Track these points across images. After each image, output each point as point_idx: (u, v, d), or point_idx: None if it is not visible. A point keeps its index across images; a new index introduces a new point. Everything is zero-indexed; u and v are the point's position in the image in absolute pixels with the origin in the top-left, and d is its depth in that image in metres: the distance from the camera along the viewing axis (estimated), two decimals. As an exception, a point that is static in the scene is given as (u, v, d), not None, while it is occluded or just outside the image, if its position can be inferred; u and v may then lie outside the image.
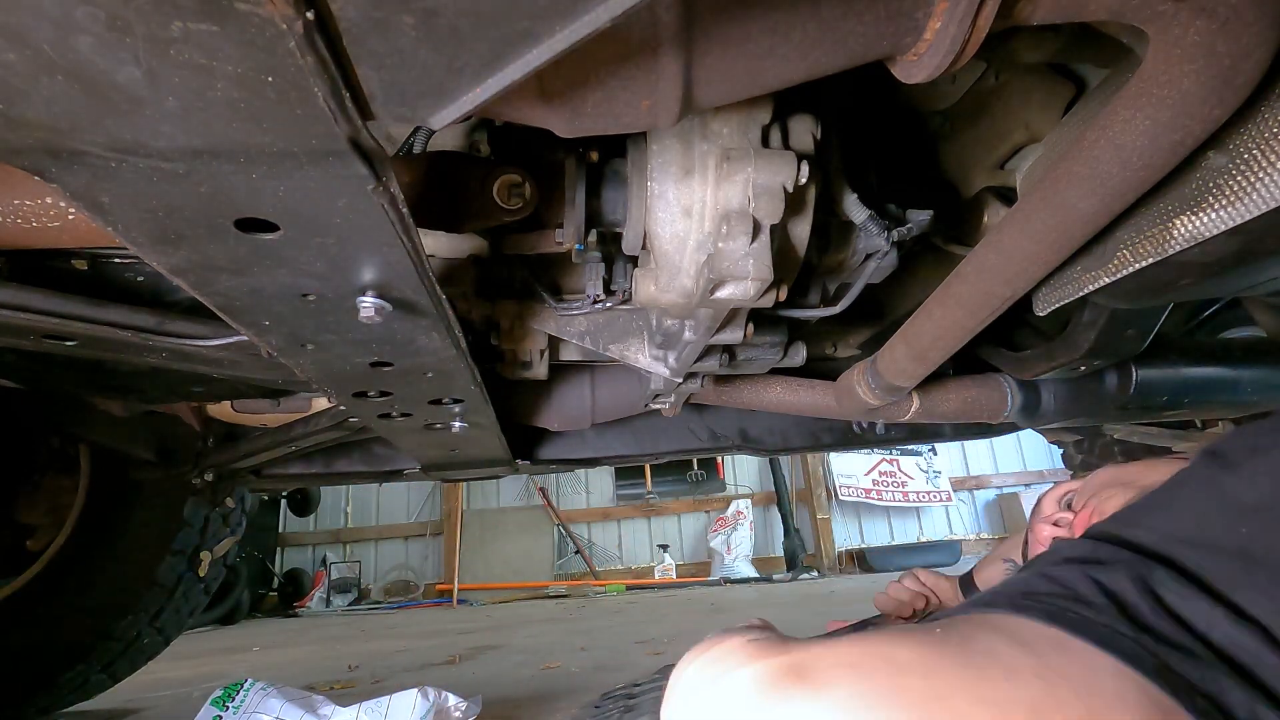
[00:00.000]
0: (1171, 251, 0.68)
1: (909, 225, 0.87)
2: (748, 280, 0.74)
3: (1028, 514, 1.22)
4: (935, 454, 7.01)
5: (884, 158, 0.98)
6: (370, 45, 0.37)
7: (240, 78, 0.36)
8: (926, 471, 6.95)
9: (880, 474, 6.89)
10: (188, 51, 0.34)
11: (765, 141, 0.73)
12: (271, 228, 0.52)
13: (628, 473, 6.98)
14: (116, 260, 0.86)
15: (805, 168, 0.71)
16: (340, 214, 0.51)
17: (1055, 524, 1.13)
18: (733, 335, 0.90)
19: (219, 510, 1.91)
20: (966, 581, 1.40)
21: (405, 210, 0.52)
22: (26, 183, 0.69)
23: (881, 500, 6.81)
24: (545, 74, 0.46)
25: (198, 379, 1.21)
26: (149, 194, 0.47)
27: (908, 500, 6.85)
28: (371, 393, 0.92)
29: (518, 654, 2.83)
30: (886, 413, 1.26)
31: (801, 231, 0.79)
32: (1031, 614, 0.46)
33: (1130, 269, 0.73)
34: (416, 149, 0.78)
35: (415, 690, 1.44)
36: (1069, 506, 1.13)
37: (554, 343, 1.14)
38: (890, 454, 6.88)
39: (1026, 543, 1.22)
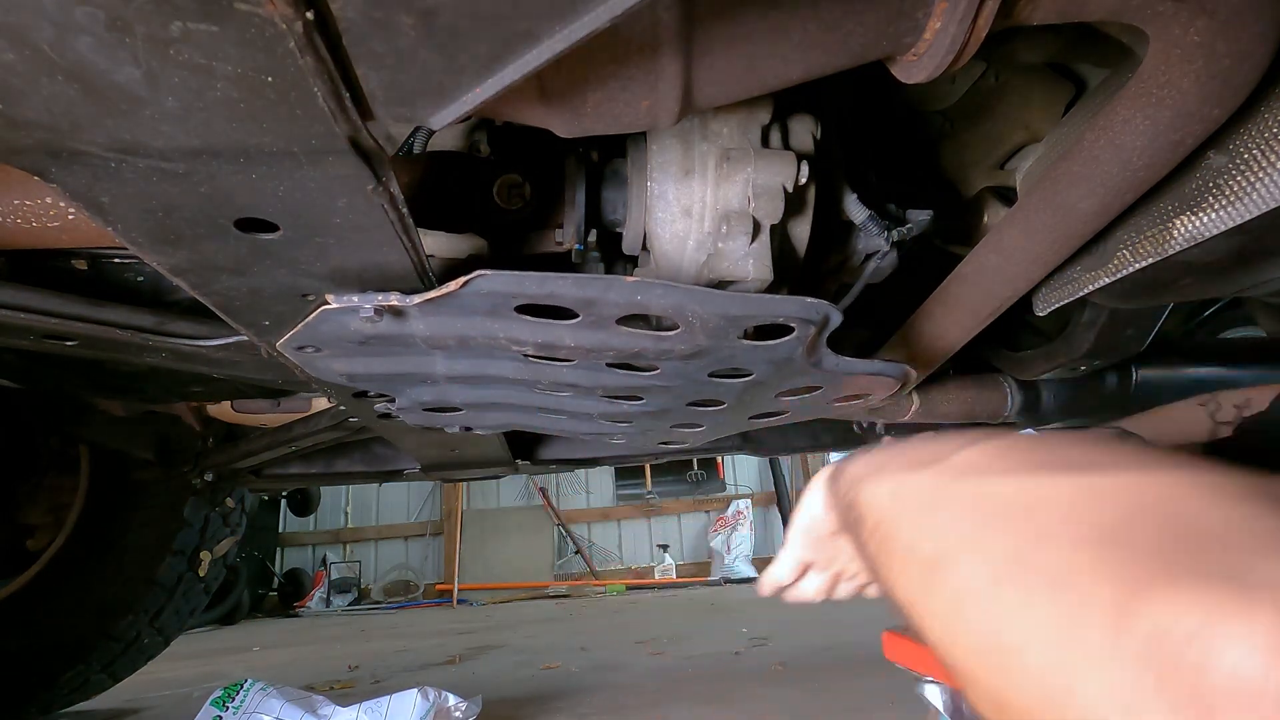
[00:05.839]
0: (1171, 251, 0.68)
1: (909, 225, 0.87)
2: (748, 280, 0.74)
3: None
4: (935, 454, 6.99)
5: (884, 158, 0.98)
6: (370, 45, 0.37)
7: (240, 78, 0.36)
8: (926, 471, 6.93)
9: (880, 474, 6.88)
10: (187, 51, 0.34)
11: (765, 141, 0.73)
12: (271, 228, 0.52)
13: (628, 473, 6.97)
14: (116, 260, 0.86)
15: (805, 168, 0.71)
16: (340, 214, 0.51)
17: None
18: (733, 335, 0.90)
19: (219, 510, 1.91)
20: None
21: (405, 210, 0.52)
22: (26, 183, 0.69)
23: (881, 500, 6.80)
24: (545, 74, 0.46)
25: (198, 379, 1.21)
26: (149, 194, 0.47)
27: (908, 500, 6.84)
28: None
29: (518, 654, 2.83)
30: (886, 413, 1.26)
31: (801, 232, 0.79)
32: None
33: (1130, 269, 0.73)
34: (416, 149, 0.77)
35: (415, 690, 1.44)
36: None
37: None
38: (890, 454, 6.86)
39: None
